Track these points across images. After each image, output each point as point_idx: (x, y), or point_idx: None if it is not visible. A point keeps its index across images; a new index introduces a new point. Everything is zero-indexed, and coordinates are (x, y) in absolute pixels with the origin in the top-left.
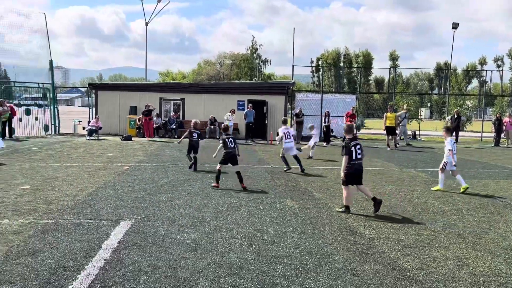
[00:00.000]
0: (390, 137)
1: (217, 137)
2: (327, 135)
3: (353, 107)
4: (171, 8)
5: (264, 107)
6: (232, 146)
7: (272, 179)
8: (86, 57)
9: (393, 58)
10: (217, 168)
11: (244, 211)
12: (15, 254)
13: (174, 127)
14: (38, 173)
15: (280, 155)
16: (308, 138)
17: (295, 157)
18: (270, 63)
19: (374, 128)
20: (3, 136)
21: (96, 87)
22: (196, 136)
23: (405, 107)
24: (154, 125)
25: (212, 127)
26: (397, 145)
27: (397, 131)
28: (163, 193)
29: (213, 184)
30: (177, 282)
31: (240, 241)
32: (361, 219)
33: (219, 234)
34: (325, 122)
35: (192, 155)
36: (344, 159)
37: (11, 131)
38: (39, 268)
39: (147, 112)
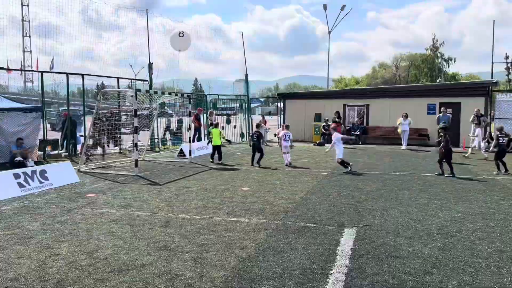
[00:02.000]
0: None
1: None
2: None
3: None
4: None
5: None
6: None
7: (488, 192)
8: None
9: None
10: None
11: (473, 228)
12: (262, 251)
13: (358, 133)
14: (250, 176)
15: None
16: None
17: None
18: (454, 61)
19: None
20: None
21: (284, 96)
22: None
23: None
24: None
25: None
26: None
27: None
28: (373, 202)
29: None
30: None
31: (484, 261)
32: None
33: (455, 252)
34: None
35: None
36: None
37: None
38: (289, 268)
39: (337, 119)
